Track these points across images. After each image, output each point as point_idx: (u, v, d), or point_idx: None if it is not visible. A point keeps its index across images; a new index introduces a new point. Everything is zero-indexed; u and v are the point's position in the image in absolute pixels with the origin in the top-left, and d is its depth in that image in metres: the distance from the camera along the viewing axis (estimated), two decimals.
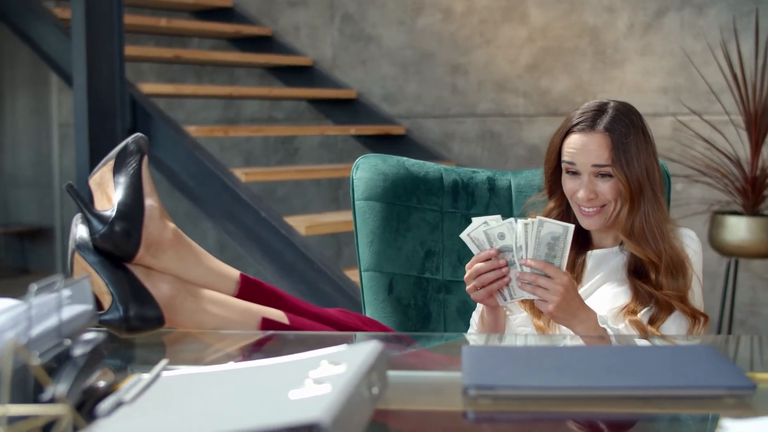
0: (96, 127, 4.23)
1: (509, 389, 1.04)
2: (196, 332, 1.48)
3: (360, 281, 2.27)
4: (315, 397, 0.88)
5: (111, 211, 1.47)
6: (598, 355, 1.16)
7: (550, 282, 1.70)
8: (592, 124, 1.90)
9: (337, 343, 1.15)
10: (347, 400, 0.87)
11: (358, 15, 5.57)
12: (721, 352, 1.57)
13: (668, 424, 1.04)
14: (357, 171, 2.30)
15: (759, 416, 1.00)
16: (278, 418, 0.83)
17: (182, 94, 4.76)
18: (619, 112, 1.92)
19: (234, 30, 5.70)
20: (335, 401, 0.85)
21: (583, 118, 1.92)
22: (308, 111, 5.82)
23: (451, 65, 5.19)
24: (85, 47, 4.18)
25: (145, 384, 1.09)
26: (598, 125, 1.89)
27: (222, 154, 6.30)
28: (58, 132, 7.90)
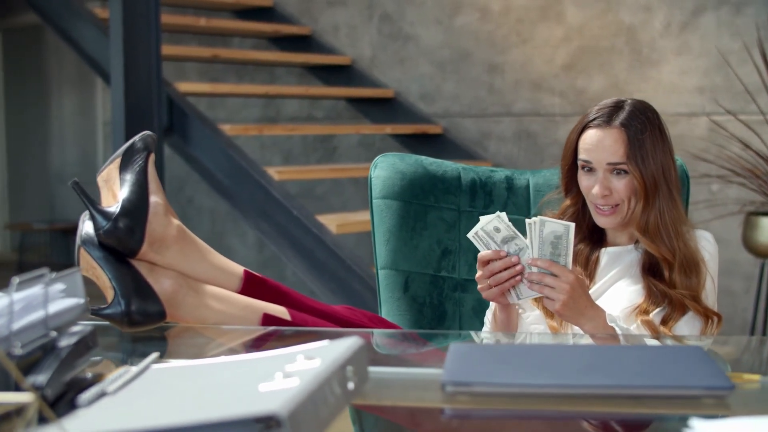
0: (133, 125, 4.28)
1: (485, 386, 1.04)
2: (198, 327, 1.50)
3: (376, 279, 2.28)
4: (280, 390, 0.90)
5: (115, 207, 1.49)
6: (581, 354, 1.16)
7: (556, 280, 1.70)
8: (609, 120, 1.90)
9: (334, 339, 1.16)
10: (311, 394, 0.89)
11: (396, 14, 5.58)
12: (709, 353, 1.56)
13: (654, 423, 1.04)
14: (375, 170, 2.31)
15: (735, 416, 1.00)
16: (238, 410, 0.84)
17: (219, 93, 4.81)
18: (635, 109, 1.92)
19: (273, 29, 5.74)
20: (297, 394, 0.87)
21: (600, 114, 1.92)
22: (347, 110, 5.84)
23: (488, 64, 5.18)
24: (123, 46, 4.24)
25: (132, 376, 1.11)
26: (614, 121, 1.89)
27: (262, 152, 6.35)
28: (102, 130, 8.02)
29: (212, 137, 4.32)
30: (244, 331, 1.51)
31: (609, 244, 2.02)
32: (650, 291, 1.90)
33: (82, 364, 1.09)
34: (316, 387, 0.91)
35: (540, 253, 1.73)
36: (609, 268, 1.98)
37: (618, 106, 1.92)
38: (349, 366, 1.03)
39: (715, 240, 2.00)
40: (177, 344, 1.50)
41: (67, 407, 1.01)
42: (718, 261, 1.98)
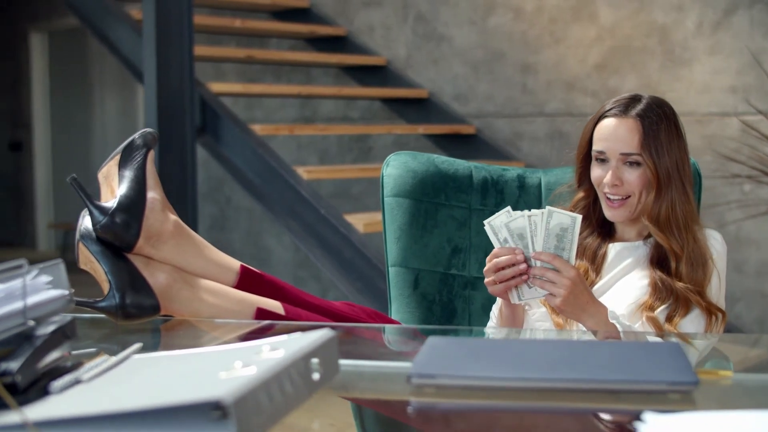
0: (165, 125, 4.34)
1: (449, 378, 1.05)
2: (192, 320, 1.53)
3: (386, 277, 2.29)
4: (233, 379, 0.92)
5: (113, 203, 1.52)
6: (553, 349, 1.17)
7: (557, 276, 1.70)
8: (625, 111, 1.91)
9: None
10: (264, 383, 0.90)
11: (430, 14, 5.59)
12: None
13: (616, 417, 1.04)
14: (387, 168, 2.33)
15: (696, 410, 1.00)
16: (187, 396, 0.86)
17: (251, 93, 4.85)
18: (652, 103, 1.93)
19: (309, 30, 5.78)
20: (247, 382, 0.88)
21: (616, 105, 1.94)
22: (382, 110, 5.86)
23: (521, 65, 5.17)
24: (155, 47, 4.30)
25: (109, 365, 1.14)
26: (630, 111, 1.90)
27: (298, 152, 6.39)
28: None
29: (243, 137, 4.36)
30: (238, 325, 1.54)
31: (618, 239, 2.03)
32: (656, 287, 1.90)
33: (58, 352, 1.12)
34: (270, 376, 0.92)
35: (545, 245, 1.73)
36: (616, 263, 1.98)
37: (635, 99, 1.94)
38: (314, 358, 1.05)
39: (723, 240, 1.99)
40: (171, 337, 1.53)
41: (39, 393, 1.04)
42: (726, 261, 1.97)
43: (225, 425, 0.84)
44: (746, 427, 0.93)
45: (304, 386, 1.01)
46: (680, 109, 4.41)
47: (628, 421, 0.87)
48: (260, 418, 0.89)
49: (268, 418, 0.91)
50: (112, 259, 1.51)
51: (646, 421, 0.91)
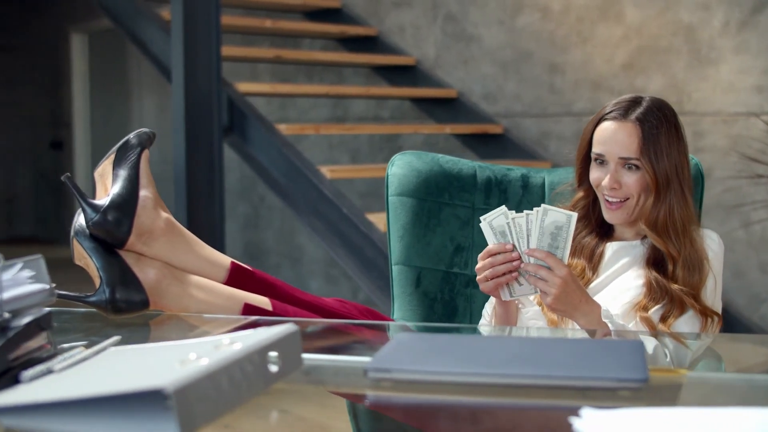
0: (192, 124, 4.41)
1: (404, 372, 1.08)
2: (182, 316, 1.57)
3: (390, 275, 2.32)
4: (183, 369, 0.95)
5: (105, 201, 1.57)
6: (515, 345, 1.19)
7: (549, 274, 1.72)
8: (625, 114, 1.92)
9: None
10: (210, 373, 0.94)
11: (460, 14, 5.61)
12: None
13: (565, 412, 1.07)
14: (392, 167, 2.35)
15: (641, 406, 1.02)
16: (137, 385, 0.90)
17: (279, 92, 4.90)
18: (652, 106, 1.93)
19: (339, 30, 5.82)
20: (193, 373, 0.92)
21: (616, 107, 1.94)
22: (412, 110, 5.89)
23: (548, 64, 5.18)
24: (183, 47, 4.36)
25: (82, 356, 1.18)
26: (630, 115, 1.91)
27: (330, 151, 6.44)
28: None
29: (269, 137, 4.42)
30: (226, 320, 1.58)
31: (615, 238, 2.04)
32: (651, 287, 1.91)
33: (35, 342, 1.16)
34: (219, 368, 0.96)
35: (539, 243, 1.75)
36: (613, 262, 2.00)
37: (635, 101, 1.94)
38: (272, 351, 1.08)
39: (721, 240, 2.00)
40: (160, 331, 1.57)
41: (10, 382, 1.09)
42: (722, 261, 1.98)
43: (167, 412, 0.88)
44: (684, 423, 0.95)
45: (260, 378, 1.05)
46: (706, 109, 4.42)
47: (569, 416, 0.89)
48: (205, 407, 0.92)
49: (217, 406, 0.94)
50: (104, 255, 1.55)
51: (583, 416, 0.94)
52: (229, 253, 7.69)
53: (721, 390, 1.14)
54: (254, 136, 4.52)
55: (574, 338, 1.46)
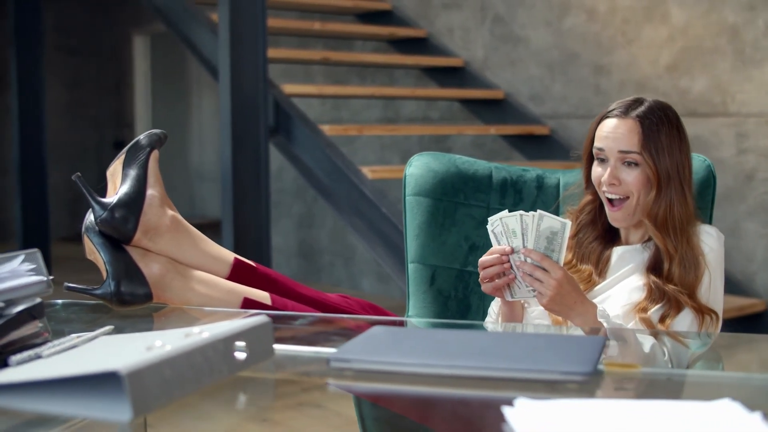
0: (239, 125, 4.50)
1: (362, 363, 1.14)
2: (186, 309, 1.65)
3: (406, 273, 2.38)
4: (144, 354, 1.03)
5: (113, 199, 1.66)
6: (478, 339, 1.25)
7: (545, 275, 1.76)
8: (626, 111, 1.95)
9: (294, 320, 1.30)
10: (167, 359, 1.01)
11: (507, 16, 5.64)
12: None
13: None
14: (409, 168, 2.41)
15: (583, 398, 1.07)
16: (94, 367, 0.98)
17: (324, 94, 4.98)
18: (654, 106, 1.97)
19: (389, 32, 5.89)
20: (149, 357, 0.99)
21: (619, 106, 1.98)
22: (460, 111, 5.94)
23: (594, 65, 5.18)
24: (229, 49, 4.46)
25: (73, 344, 1.27)
26: (631, 113, 1.95)
27: (382, 152, 6.51)
28: None
29: (313, 137, 4.50)
30: (227, 313, 1.65)
31: (621, 242, 2.07)
32: (650, 289, 1.94)
33: (25, 331, 1.25)
34: (177, 353, 1.03)
35: (535, 245, 1.80)
36: (618, 266, 2.03)
37: (637, 101, 1.98)
38: (239, 340, 1.15)
39: (720, 234, 2.01)
40: (163, 323, 1.65)
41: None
42: (722, 257, 1.99)
43: (122, 393, 0.96)
44: (612, 414, 1.00)
45: (225, 365, 1.12)
46: (750, 110, 4.39)
47: (502, 405, 0.94)
48: (160, 389, 0.99)
49: (173, 389, 1.01)
50: (111, 251, 1.64)
51: (516, 405, 0.99)
52: (283, 251, 7.81)
53: (671, 385, 1.18)
54: (299, 137, 4.60)
55: (538, 333, 1.50)
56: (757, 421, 0.96)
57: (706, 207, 2.20)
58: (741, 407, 0.99)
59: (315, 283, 7.32)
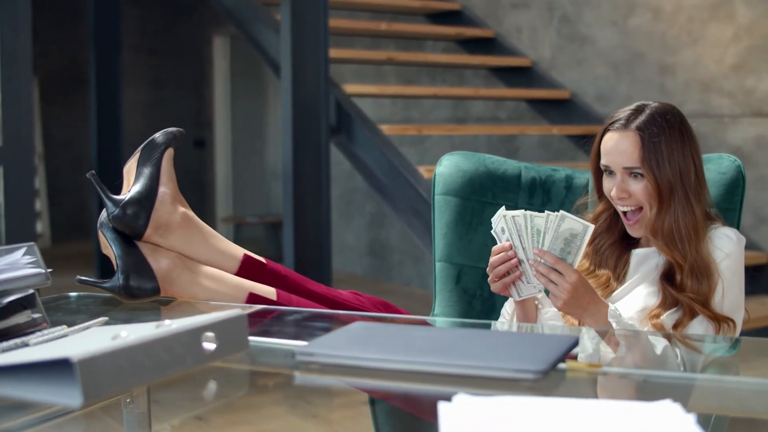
0: (300, 125, 4.57)
1: (326, 357, 1.18)
2: (193, 303, 1.70)
3: (433, 272, 2.40)
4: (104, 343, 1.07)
5: (125, 196, 1.72)
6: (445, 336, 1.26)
7: (560, 279, 1.76)
8: (626, 123, 1.94)
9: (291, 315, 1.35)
10: (122, 348, 1.05)
11: (574, 16, 5.61)
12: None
13: None
14: (439, 167, 2.43)
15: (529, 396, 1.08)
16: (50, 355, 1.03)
17: (385, 94, 5.02)
18: (655, 113, 1.94)
19: (456, 32, 5.91)
20: (106, 346, 1.04)
21: (620, 117, 1.97)
22: (528, 111, 5.92)
23: (659, 65, 5.12)
24: (291, 49, 4.53)
25: (62, 333, 1.32)
26: (631, 125, 1.93)
27: (452, 151, 6.52)
28: None
29: (371, 137, 4.54)
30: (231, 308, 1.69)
31: (640, 246, 2.05)
32: (664, 296, 1.93)
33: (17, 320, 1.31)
34: (135, 343, 1.07)
35: (551, 246, 1.79)
36: (635, 270, 2.01)
37: (638, 110, 1.95)
38: (208, 332, 1.19)
39: (739, 237, 1.97)
40: (170, 316, 1.70)
41: None
42: (742, 260, 1.95)
43: (74, 380, 1.00)
44: (553, 413, 1.01)
45: (191, 356, 1.16)
46: None
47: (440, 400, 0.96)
48: (114, 377, 1.04)
49: (129, 378, 1.06)
50: (122, 246, 1.70)
51: (453, 400, 1.01)
52: (355, 250, 7.87)
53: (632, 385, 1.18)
54: (359, 136, 4.65)
55: (509, 332, 1.51)
56: (690, 423, 0.97)
57: (734, 208, 2.17)
58: (680, 408, 1.00)
59: (386, 282, 7.37)
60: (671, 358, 1.48)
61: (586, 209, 2.15)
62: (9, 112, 3.80)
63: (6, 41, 3.83)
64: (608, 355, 1.55)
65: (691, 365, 1.54)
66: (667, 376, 1.27)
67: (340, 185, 7.59)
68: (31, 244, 1.40)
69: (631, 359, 1.51)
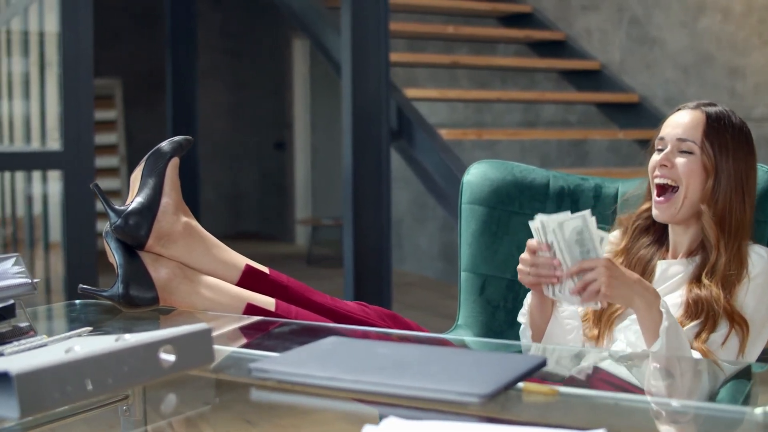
0: (361, 129, 4.56)
1: (278, 374, 1.18)
2: (192, 312, 1.72)
3: (458, 281, 2.39)
4: (53, 356, 1.09)
5: (127, 206, 1.74)
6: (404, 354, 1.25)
7: (591, 273, 1.68)
8: (695, 106, 1.92)
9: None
10: (64, 362, 1.07)
11: (644, 18, 5.51)
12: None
13: None
14: (467, 176, 2.42)
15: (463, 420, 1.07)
16: None
17: (446, 98, 4.99)
18: (725, 110, 1.93)
19: (524, 35, 5.85)
20: (48, 360, 1.06)
21: (690, 102, 1.95)
22: (597, 114, 5.84)
23: (729, 67, 5.00)
24: (351, 52, 4.53)
25: (41, 343, 1.35)
26: (699, 108, 1.91)
27: (522, 155, 6.47)
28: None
29: (429, 141, 4.53)
30: (229, 318, 1.71)
31: (669, 256, 2.01)
32: (687, 305, 1.88)
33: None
34: (79, 358, 1.09)
35: (571, 257, 1.71)
36: (662, 281, 1.97)
37: (710, 102, 1.94)
38: (166, 346, 1.21)
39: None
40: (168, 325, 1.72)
41: None
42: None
43: (11, 393, 1.02)
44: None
45: (147, 369, 1.17)
46: None
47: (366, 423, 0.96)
48: (56, 391, 1.06)
49: (72, 391, 1.08)
50: (124, 255, 1.73)
51: (380, 423, 1.00)
52: (427, 254, 7.84)
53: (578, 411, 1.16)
54: (418, 141, 4.64)
55: (474, 351, 1.48)
56: None
57: (766, 220, 2.11)
58: None
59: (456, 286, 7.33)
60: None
61: (630, 208, 2.11)
62: (69, 117, 3.88)
63: (68, 46, 3.91)
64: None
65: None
66: (629, 399, 1.24)
67: (413, 189, 7.59)
68: (18, 255, 1.44)
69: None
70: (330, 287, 1.58)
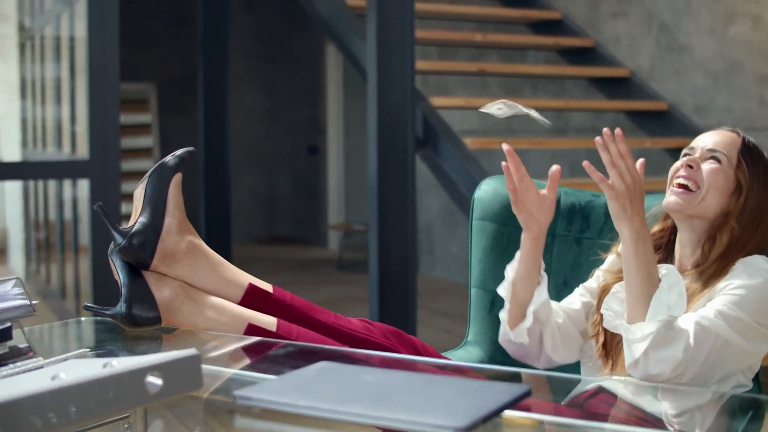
0: (386, 137, 4.57)
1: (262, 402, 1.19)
2: (195, 332, 1.74)
3: (468, 298, 2.39)
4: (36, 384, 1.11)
5: (132, 227, 1.76)
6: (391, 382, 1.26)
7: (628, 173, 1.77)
8: (731, 130, 1.93)
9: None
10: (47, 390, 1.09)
11: (673, 25, 5.48)
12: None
13: None
14: (478, 191, 2.42)
15: None
16: None
17: (472, 106, 4.98)
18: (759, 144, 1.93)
19: (553, 42, 5.83)
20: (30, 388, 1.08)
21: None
22: (626, 122, 5.80)
23: (759, 75, 4.96)
24: (377, 60, 4.54)
25: (34, 366, 1.38)
26: (736, 131, 1.93)
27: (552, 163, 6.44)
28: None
29: (454, 150, 4.52)
30: (231, 338, 1.73)
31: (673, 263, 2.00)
32: None
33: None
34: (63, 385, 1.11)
35: None
36: None
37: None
38: (154, 370, 1.22)
39: None
40: (171, 345, 1.74)
41: None
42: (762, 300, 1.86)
43: None
44: None
45: (132, 395, 1.19)
46: None
47: None
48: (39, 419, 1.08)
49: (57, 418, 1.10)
50: (128, 275, 1.75)
51: None
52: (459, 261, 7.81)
53: None
54: (443, 150, 4.64)
55: (457, 378, 1.48)
56: None
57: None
58: None
59: None
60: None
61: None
62: (95, 126, 3.93)
63: (94, 55, 3.95)
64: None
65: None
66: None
67: (444, 195, 7.58)
68: (17, 278, 1.46)
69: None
70: (358, 292, 1.58)
